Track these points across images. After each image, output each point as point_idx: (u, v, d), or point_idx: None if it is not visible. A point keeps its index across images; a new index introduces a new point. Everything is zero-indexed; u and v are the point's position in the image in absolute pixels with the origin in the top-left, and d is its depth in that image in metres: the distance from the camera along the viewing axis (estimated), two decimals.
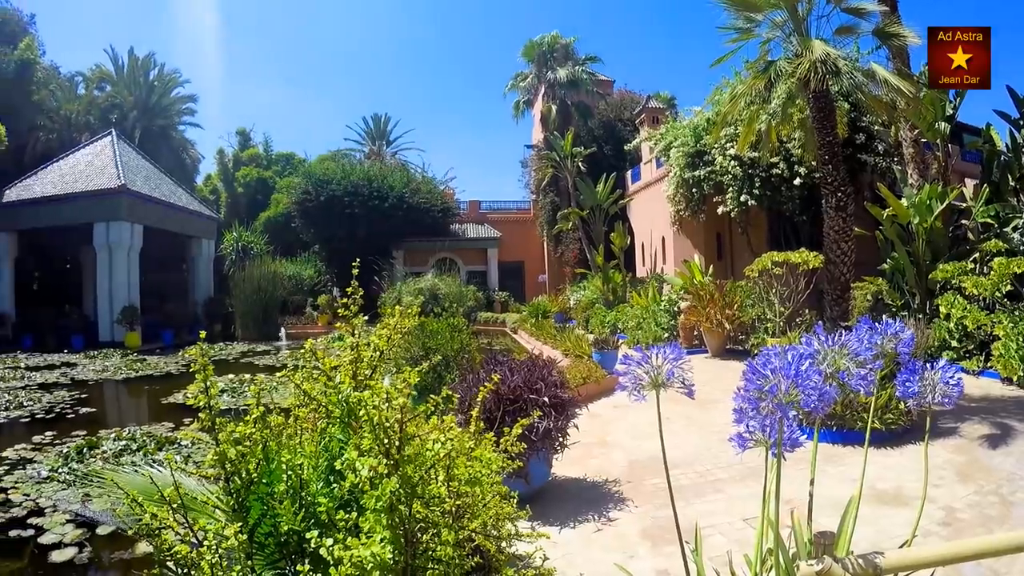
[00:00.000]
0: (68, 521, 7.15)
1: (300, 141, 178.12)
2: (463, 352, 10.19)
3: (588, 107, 42.35)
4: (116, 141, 36.20)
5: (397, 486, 1.88)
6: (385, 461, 1.94)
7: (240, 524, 2.01)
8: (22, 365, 23.26)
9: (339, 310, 2.90)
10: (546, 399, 6.21)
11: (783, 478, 6.49)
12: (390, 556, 1.77)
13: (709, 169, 22.45)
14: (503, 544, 2.40)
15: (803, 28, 13.95)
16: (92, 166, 34.47)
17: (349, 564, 1.70)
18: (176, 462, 2.59)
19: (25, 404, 14.84)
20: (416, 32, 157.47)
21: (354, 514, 1.91)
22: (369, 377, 2.55)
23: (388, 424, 2.04)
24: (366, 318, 2.93)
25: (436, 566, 2.07)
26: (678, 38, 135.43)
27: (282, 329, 33.92)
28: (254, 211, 50.28)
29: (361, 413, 2.06)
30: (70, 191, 33.02)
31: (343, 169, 43.29)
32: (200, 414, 2.39)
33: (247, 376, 16.89)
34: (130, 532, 3.24)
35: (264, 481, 2.16)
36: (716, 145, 21.26)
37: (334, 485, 2.20)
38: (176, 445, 10.12)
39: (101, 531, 6.88)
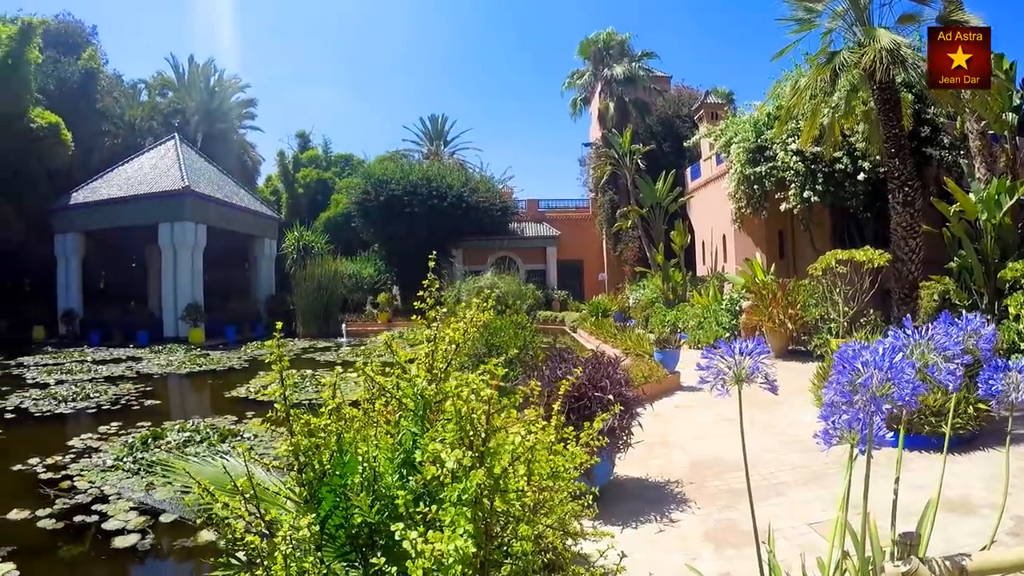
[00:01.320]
0: (132, 508, 7.29)
1: (358, 142, 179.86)
2: (526, 349, 10.17)
3: (646, 104, 41.93)
4: (179, 145, 37.29)
5: (484, 479, 1.84)
6: (470, 453, 1.90)
7: (313, 515, 1.98)
8: (89, 359, 23.98)
9: (415, 303, 2.87)
10: (611, 397, 6.14)
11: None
12: (473, 551, 1.73)
13: (771, 165, 22.02)
14: (568, 542, 2.35)
15: (865, 17, 13.68)
16: (156, 169, 35.48)
17: (430, 558, 1.66)
18: (242, 453, 2.58)
19: (92, 396, 15.24)
20: (473, 32, 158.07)
21: (434, 507, 1.87)
22: (444, 371, 2.51)
23: (476, 416, 2.00)
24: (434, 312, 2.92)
25: (512, 562, 2.03)
26: (734, 32, 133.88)
27: (342, 326, 34.31)
28: (314, 211, 50.92)
29: (448, 404, 2.02)
30: (135, 193, 34.10)
31: (402, 169, 43.52)
32: (276, 404, 2.38)
33: (308, 372, 17.11)
34: (198, 521, 3.26)
35: (337, 473, 2.14)
36: (778, 140, 20.90)
37: (409, 478, 2.17)
38: (238, 437, 10.32)
39: (164, 519, 7.01)
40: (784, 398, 10.04)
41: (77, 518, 7.09)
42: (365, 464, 2.14)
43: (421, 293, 2.90)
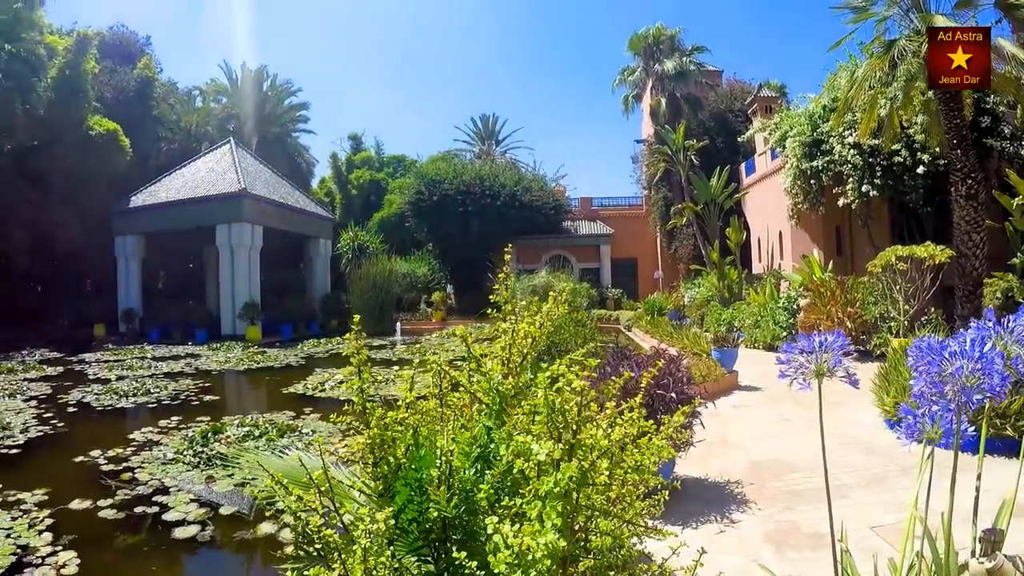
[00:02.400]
0: (191, 500, 7.40)
1: (410, 143, 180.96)
2: (587, 345, 10.18)
3: (698, 99, 41.56)
4: (235, 148, 38.06)
5: (576, 471, 1.83)
6: (560, 446, 1.89)
7: (391, 509, 1.98)
8: (149, 356, 24.58)
9: (490, 296, 2.86)
10: (673, 395, 6.11)
11: (911, 486, 6.21)
12: (564, 544, 1.72)
13: (827, 159, 21.60)
14: (633, 540, 2.33)
15: (922, 3, 13.41)
16: (213, 172, 36.24)
17: (518, 551, 1.65)
18: (317, 447, 2.60)
19: (152, 391, 15.55)
20: (523, 30, 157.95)
21: (519, 500, 1.85)
22: (520, 364, 2.50)
23: (568, 407, 1.99)
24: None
25: (592, 558, 2.01)
26: (784, 24, 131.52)
27: (397, 324, 34.51)
28: (368, 212, 51.47)
29: (540, 396, 2.01)
30: (193, 196, 34.85)
31: (455, 169, 43.73)
32: (353, 398, 2.39)
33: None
34: (267, 513, 3.28)
35: (413, 467, 2.13)
36: (834, 133, 20.52)
37: (485, 472, 2.16)
38: (296, 433, 10.42)
39: (224, 511, 7.10)
40: (845, 399, 9.94)
41: (138, 509, 7.23)
42: (442, 458, 2.13)
43: (496, 287, 2.89)
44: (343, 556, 1.91)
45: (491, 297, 3.00)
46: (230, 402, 16.15)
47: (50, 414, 13.17)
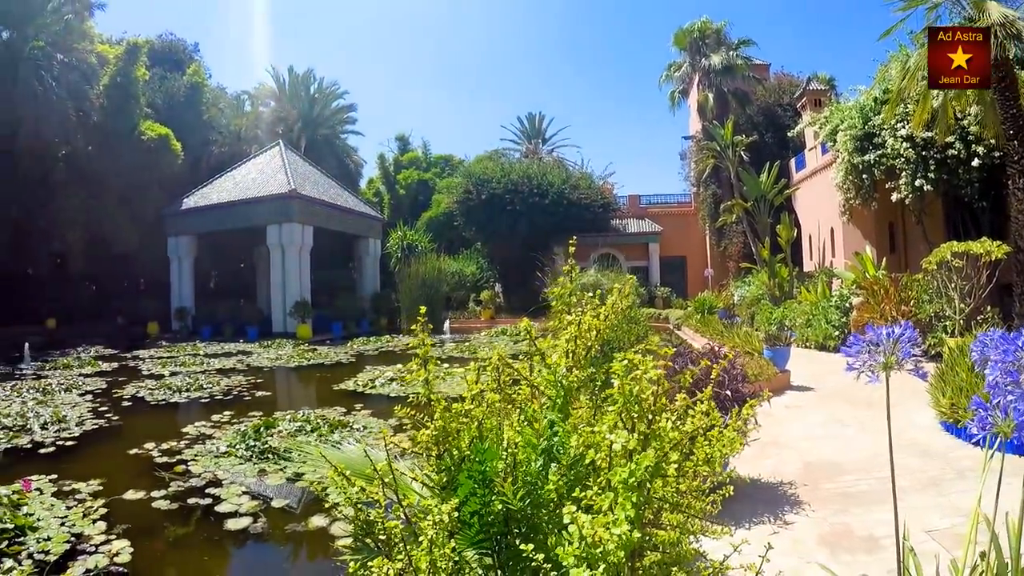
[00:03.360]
0: (244, 493, 7.52)
1: (457, 143, 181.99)
2: (640, 343, 10.16)
3: (745, 93, 41.02)
4: (284, 150, 38.78)
5: (654, 461, 1.81)
6: (635, 436, 1.87)
7: (456, 501, 1.98)
8: (201, 352, 25.14)
9: (552, 288, 2.86)
10: (728, 392, 6.08)
11: (967, 489, 6.11)
12: (638, 535, 1.71)
13: (879, 152, 21.02)
14: (690, 538, 2.31)
15: None
16: (263, 174, 36.92)
17: (587, 544, 1.63)
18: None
19: (204, 387, 15.85)
20: (568, 28, 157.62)
21: (590, 492, 1.83)
22: (584, 358, 2.49)
23: (644, 397, 1.97)
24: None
25: (659, 553, 1.99)
26: (830, 15, 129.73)
27: (446, 323, 34.70)
28: (416, 211, 51.80)
29: (616, 385, 2.00)
30: (244, 197, 35.59)
31: (502, 168, 43.73)
32: (419, 389, 2.40)
33: (414, 367, 17.20)
34: (325, 504, 3.32)
35: (477, 459, 2.13)
36: (887, 126, 20.12)
37: (551, 465, 2.15)
38: (348, 428, 10.54)
39: (276, 504, 7.21)
40: (900, 399, 9.78)
41: (191, 500, 7.37)
42: (508, 450, 2.13)
43: (560, 279, 2.88)
44: (408, 547, 1.91)
45: (545, 292, 3.03)
46: (281, 398, 16.41)
47: (105, 408, 13.50)
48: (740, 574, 2.20)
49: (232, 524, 6.63)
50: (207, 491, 7.60)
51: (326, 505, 6.81)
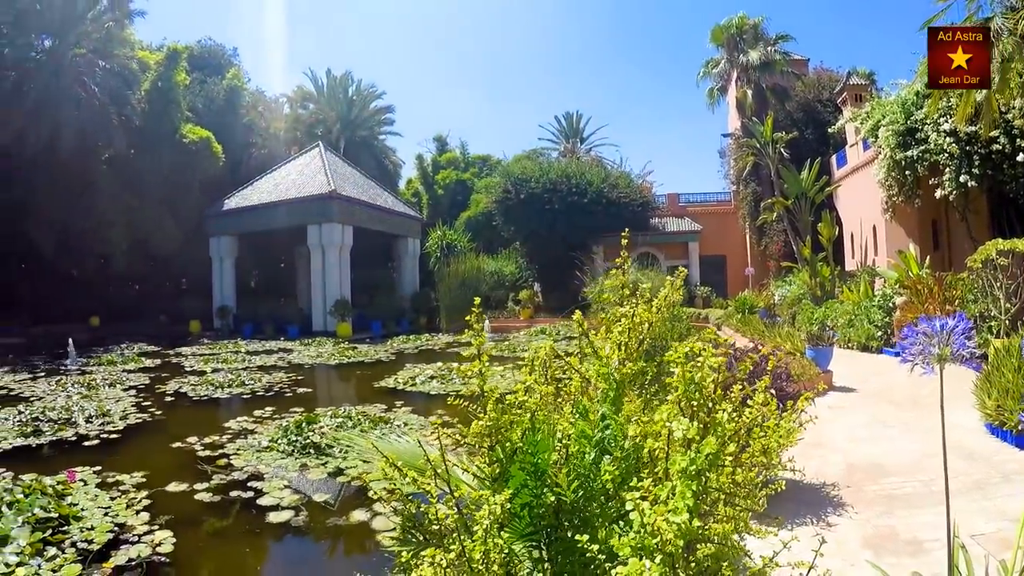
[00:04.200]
0: (285, 487, 7.59)
1: (494, 143, 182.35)
2: (682, 342, 10.15)
3: (784, 89, 40.43)
4: (323, 152, 39.28)
5: (715, 448, 1.81)
6: (695, 424, 1.87)
7: (509, 493, 1.98)
8: (243, 350, 25.54)
9: (609, 283, 2.85)
10: (773, 391, 6.05)
11: (1013, 493, 6.01)
12: (698, 524, 1.71)
13: (922, 148, 20.68)
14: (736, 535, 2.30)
15: None
16: (303, 175, 37.36)
17: (646, 533, 1.63)
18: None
19: (246, 383, 16.09)
20: (604, 27, 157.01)
21: (645, 482, 1.83)
22: (636, 350, 2.48)
23: (704, 384, 1.97)
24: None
25: (711, 544, 1.97)
26: (868, 7, 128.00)
27: (485, 322, 34.60)
28: (454, 211, 52.01)
29: (677, 373, 2.00)
30: (285, 198, 36.08)
31: (540, 167, 43.64)
32: (471, 383, 2.41)
33: (454, 365, 17.33)
34: (374, 496, 3.33)
35: (529, 451, 2.12)
36: (929, 120, 19.81)
37: (604, 457, 2.14)
38: (389, 424, 10.58)
39: (317, 498, 7.28)
40: (944, 402, 9.61)
41: (233, 493, 7.47)
42: (561, 442, 2.12)
43: (614, 272, 2.88)
44: (462, 538, 1.92)
45: (584, 292, 3.01)
46: (322, 395, 16.57)
47: (148, 403, 13.78)
48: (787, 572, 2.19)
49: (273, 517, 6.71)
50: (249, 484, 7.70)
51: (373, 497, 6.88)
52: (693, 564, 1.90)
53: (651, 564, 1.53)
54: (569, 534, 1.98)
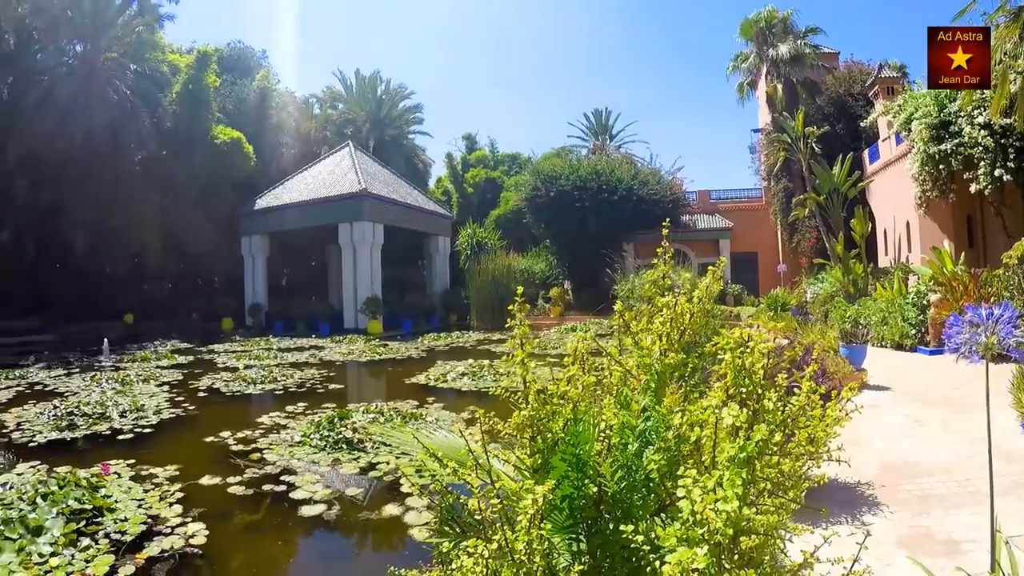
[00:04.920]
0: (317, 481, 7.62)
1: (523, 141, 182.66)
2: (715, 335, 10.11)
3: (815, 83, 40.03)
4: (353, 151, 39.71)
5: (766, 434, 1.79)
6: (745, 411, 1.84)
7: (552, 483, 1.96)
8: (274, 347, 25.79)
9: (650, 275, 2.84)
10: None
11: None
12: (749, 513, 1.69)
13: (956, 141, 20.43)
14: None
15: None
16: (334, 174, 37.80)
17: (694, 523, 1.61)
18: (479, 418, 2.62)
19: (278, 379, 16.25)
20: (631, 22, 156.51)
21: (692, 471, 1.81)
22: (678, 341, 2.46)
23: (754, 370, 1.96)
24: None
25: (754, 537, 1.94)
26: None
27: (522, 315, 34.70)
28: (484, 210, 52.19)
29: (726, 359, 1.98)
30: (316, 197, 36.50)
31: (570, 165, 43.69)
32: (517, 369, 2.39)
33: (485, 362, 17.54)
34: (412, 489, 3.33)
35: (571, 442, 2.11)
36: (963, 113, 19.56)
37: (647, 448, 2.12)
38: (420, 420, 10.61)
39: (350, 492, 7.30)
40: (980, 400, 9.46)
41: (265, 487, 7.51)
42: (604, 433, 2.11)
43: (655, 261, 2.87)
44: (504, 528, 1.91)
45: (615, 289, 2.99)
46: (354, 391, 16.69)
47: (181, 398, 13.94)
48: (825, 568, 2.17)
49: (306, 511, 6.73)
50: (281, 478, 7.74)
51: (405, 491, 6.98)
52: (737, 556, 1.88)
53: (700, 553, 1.51)
54: (611, 526, 1.96)
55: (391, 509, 6.70)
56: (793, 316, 23.19)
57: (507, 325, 2.52)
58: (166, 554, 5.58)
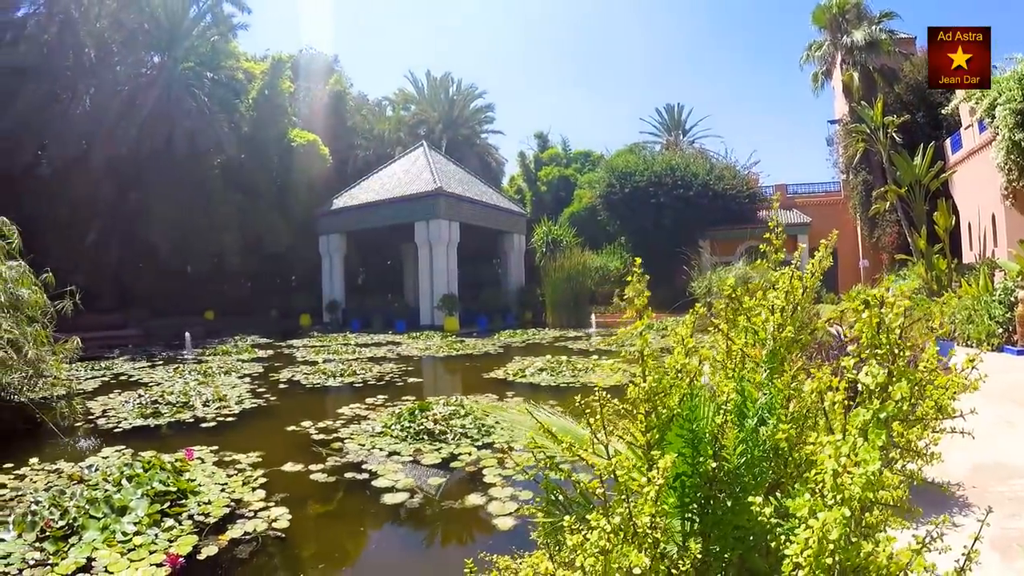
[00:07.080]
0: (399, 471, 7.71)
1: (595, 138, 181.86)
2: (804, 329, 10.07)
3: (892, 70, 38.56)
4: (427, 151, 40.52)
5: (907, 392, 1.72)
6: (883, 371, 1.80)
7: (673, 458, 1.94)
8: (352, 342, 26.41)
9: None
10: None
11: None
12: (883, 480, 1.66)
13: None
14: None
15: None
16: (408, 174, 38.46)
17: (832, 487, 1.58)
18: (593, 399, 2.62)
19: (358, 373, 16.55)
20: (702, 16, 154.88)
21: (825, 436, 1.71)
22: (791, 316, 2.44)
23: (892, 327, 1.90)
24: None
25: (880, 511, 1.92)
26: None
27: (591, 317, 34.75)
28: (557, 207, 52.26)
29: (864, 317, 1.94)
30: (391, 196, 37.27)
31: (644, 161, 43.48)
32: (637, 342, 2.39)
33: (563, 358, 17.51)
34: (522, 472, 3.34)
35: (688, 417, 2.09)
36: None
37: (766, 423, 2.10)
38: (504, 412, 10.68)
39: (432, 481, 7.36)
40: None
41: (347, 475, 7.62)
42: (723, 408, 2.08)
43: (767, 236, 2.90)
44: (629, 502, 1.89)
45: (691, 286, 2.96)
46: (433, 384, 16.89)
47: (263, 389, 14.33)
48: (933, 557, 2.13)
49: (388, 499, 6.80)
50: (363, 467, 7.86)
51: (487, 482, 7.14)
52: (863, 530, 1.85)
53: (837, 515, 1.48)
54: (728, 503, 1.95)
55: (474, 499, 6.73)
56: None
57: (588, 320, 2.51)
58: (249, 536, 5.71)
